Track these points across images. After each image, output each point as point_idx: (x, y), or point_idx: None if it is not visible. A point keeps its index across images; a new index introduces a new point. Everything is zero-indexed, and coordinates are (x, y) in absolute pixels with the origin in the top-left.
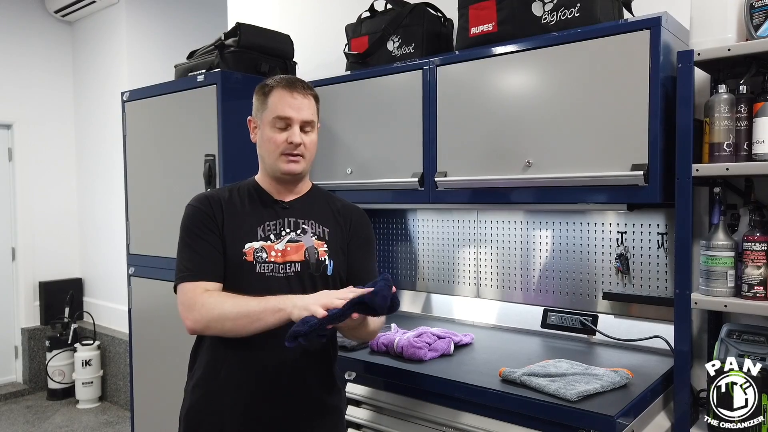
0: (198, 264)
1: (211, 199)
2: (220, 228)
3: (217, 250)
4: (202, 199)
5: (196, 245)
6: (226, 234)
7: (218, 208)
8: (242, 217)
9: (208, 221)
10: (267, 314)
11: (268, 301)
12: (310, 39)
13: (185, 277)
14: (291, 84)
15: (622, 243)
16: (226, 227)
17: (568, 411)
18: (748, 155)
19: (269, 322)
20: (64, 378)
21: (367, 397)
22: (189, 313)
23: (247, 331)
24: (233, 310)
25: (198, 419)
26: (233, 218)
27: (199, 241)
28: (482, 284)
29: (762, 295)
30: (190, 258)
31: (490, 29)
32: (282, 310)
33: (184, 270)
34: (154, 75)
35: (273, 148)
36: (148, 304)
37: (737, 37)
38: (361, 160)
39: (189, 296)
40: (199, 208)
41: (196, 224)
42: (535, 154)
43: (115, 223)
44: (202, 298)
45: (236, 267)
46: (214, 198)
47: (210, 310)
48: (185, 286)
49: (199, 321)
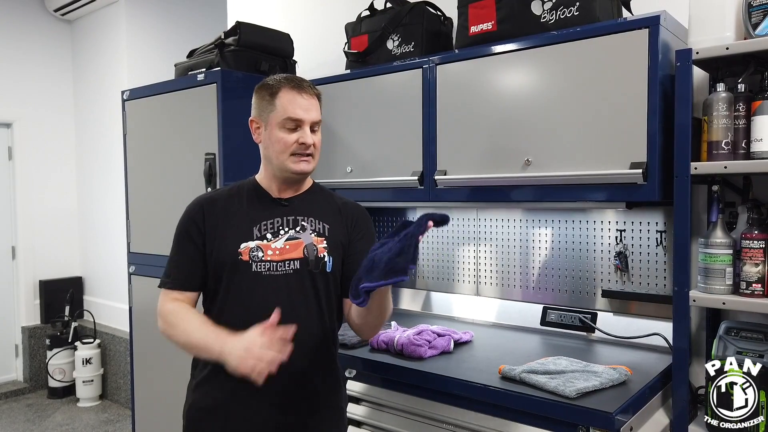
0: (174, 273)
1: (206, 203)
2: (203, 236)
3: (194, 260)
4: (196, 205)
5: (176, 254)
6: (221, 235)
7: (210, 212)
8: (239, 217)
9: (193, 228)
10: (202, 353)
11: (207, 339)
12: (309, 38)
13: (162, 282)
14: (299, 85)
15: (621, 241)
16: (220, 229)
17: (567, 408)
18: (746, 153)
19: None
20: (64, 376)
21: (367, 395)
22: (158, 318)
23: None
24: (180, 338)
25: (200, 416)
26: (229, 219)
27: (179, 249)
28: (482, 282)
29: (760, 292)
30: (171, 265)
31: (489, 28)
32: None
33: (165, 275)
34: (154, 74)
35: (283, 148)
36: (149, 303)
37: (736, 36)
38: (361, 159)
39: (160, 303)
40: (190, 214)
41: (182, 231)
42: (535, 153)
43: (115, 222)
44: (167, 308)
45: (232, 267)
46: (210, 201)
47: (166, 325)
48: (162, 292)
49: (161, 328)
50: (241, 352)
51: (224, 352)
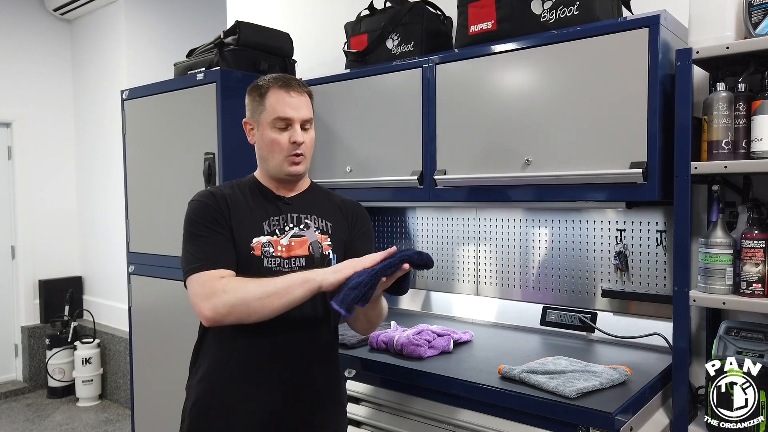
0: (210, 254)
1: (216, 194)
2: (228, 221)
3: (229, 241)
4: (207, 194)
5: (208, 236)
6: (234, 228)
7: (224, 203)
8: (247, 212)
9: (217, 214)
10: (295, 287)
11: (294, 276)
12: (309, 37)
13: (198, 267)
14: (286, 83)
15: (621, 241)
16: (233, 222)
17: (567, 408)
18: (746, 153)
19: (297, 294)
20: (64, 376)
21: (367, 395)
22: (207, 302)
23: (274, 308)
24: (258, 290)
25: (204, 413)
26: (238, 213)
27: (210, 232)
28: (482, 282)
29: (760, 292)
30: (201, 249)
31: (489, 27)
32: (310, 280)
33: (196, 261)
34: (154, 73)
35: (278, 149)
36: (149, 302)
37: (736, 36)
38: (361, 158)
39: (206, 284)
40: (206, 202)
41: (205, 217)
42: (534, 152)
43: (114, 222)
44: (221, 283)
45: (245, 261)
46: (218, 193)
47: (233, 294)
48: (200, 276)
49: (221, 307)
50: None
51: (318, 275)
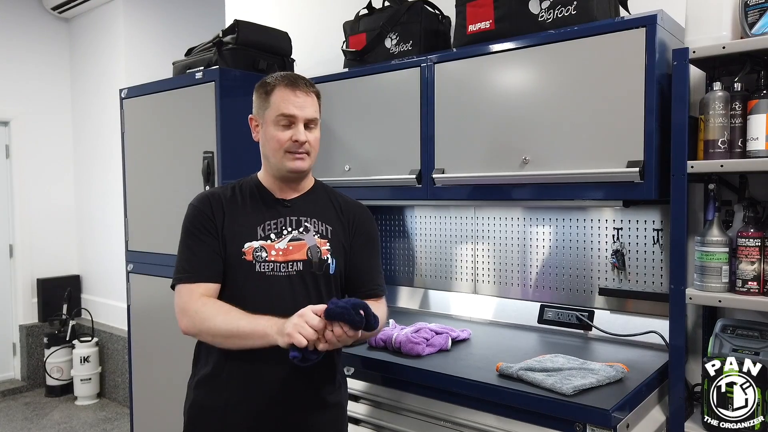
0: (195, 266)
1: (213, 198)
2: (219, 229)
3: (215, 252)
4: (203, 199)
5: (195, 247)
6: (226, 233)
7: (218, 208)
8: (243, 216)
9: (207, 222)
10: (254, 338)
11: (257, 324)
12: (308, 36)
13: (182, 278)
14: (293, 82)
15: (617, 239)
16: (227, 226)
17: (565, 405)
18: (742, 152)
19: (255, 344)
20: (62, 375)
21: (366, 392)
22: (183, 317)
23: (234, 347)
24: (223, 327)
25: (201, 414)
26: (234, 217)
27: (197, 242)
28: (479, 280)
29: (756, 290)
30: (188, 259)
31: (487, 27)
32: (267, 336)
33: (182, 271)
34: (152, 72)
35: (277, 146)
36: (147, 301)
37: (732, 35)
38: (359, 157)
39: (184, 300)
40: (200, 208)
41: (196, 225)
42: (532, 151)
43: (113, 220)
44: (196, 305)
45: (236, 266)
46: (215, 197)
47: (202, 321)
48: (181, 288)
49: (191, 328)
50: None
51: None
